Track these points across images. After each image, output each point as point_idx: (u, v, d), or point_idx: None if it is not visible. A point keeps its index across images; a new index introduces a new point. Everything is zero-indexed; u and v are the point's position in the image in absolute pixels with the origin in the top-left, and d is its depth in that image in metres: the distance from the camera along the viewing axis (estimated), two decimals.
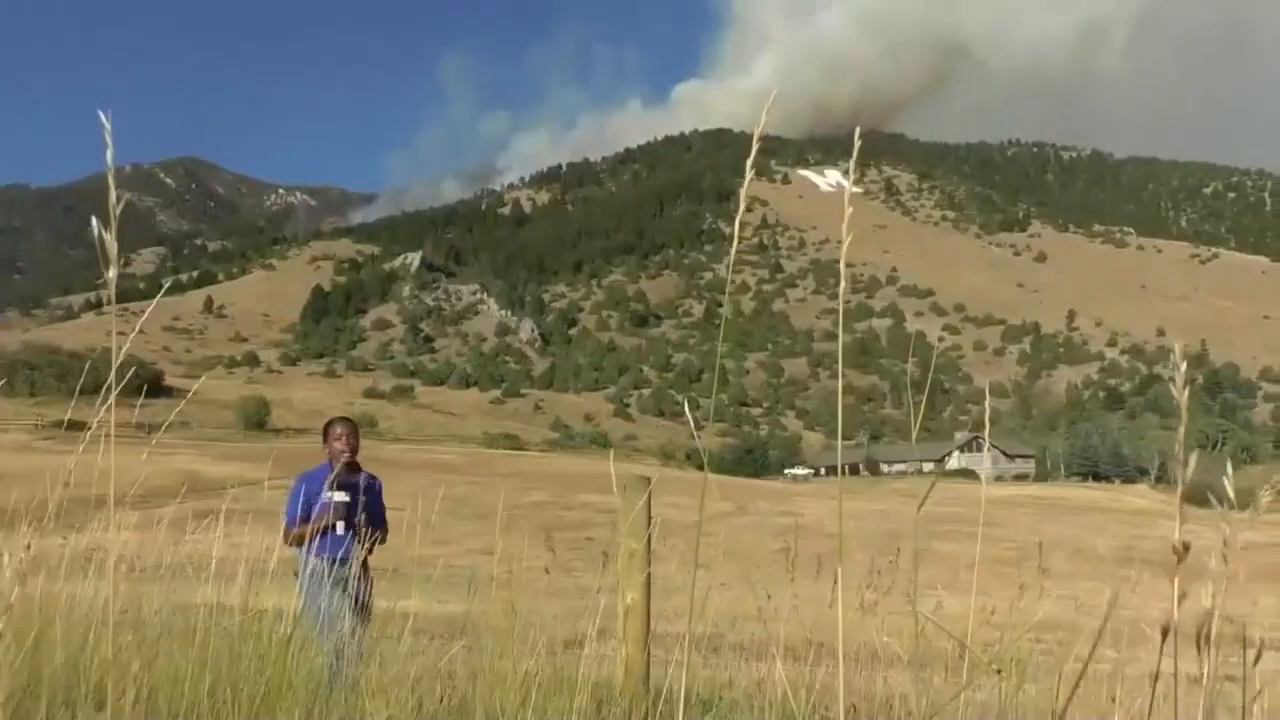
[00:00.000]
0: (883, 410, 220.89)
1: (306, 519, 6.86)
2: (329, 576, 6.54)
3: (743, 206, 2.27)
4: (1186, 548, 1.41)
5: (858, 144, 2.05)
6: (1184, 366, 1.71)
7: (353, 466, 7.09)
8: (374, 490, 7.14)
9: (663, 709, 4.57)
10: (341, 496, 6.77)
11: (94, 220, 1.90)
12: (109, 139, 1.98)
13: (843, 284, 2.06)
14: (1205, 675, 1.51)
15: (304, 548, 6.78)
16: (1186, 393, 1.72)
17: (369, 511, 6.94)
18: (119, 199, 1.88)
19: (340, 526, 6.73)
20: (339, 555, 6.68)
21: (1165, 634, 1.60)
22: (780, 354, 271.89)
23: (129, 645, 3.84)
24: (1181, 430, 1.36)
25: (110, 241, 1.84)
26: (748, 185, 2.27)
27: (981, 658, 2.82)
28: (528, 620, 5.82)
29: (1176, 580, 1.43)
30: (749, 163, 2.25)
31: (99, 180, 2.12)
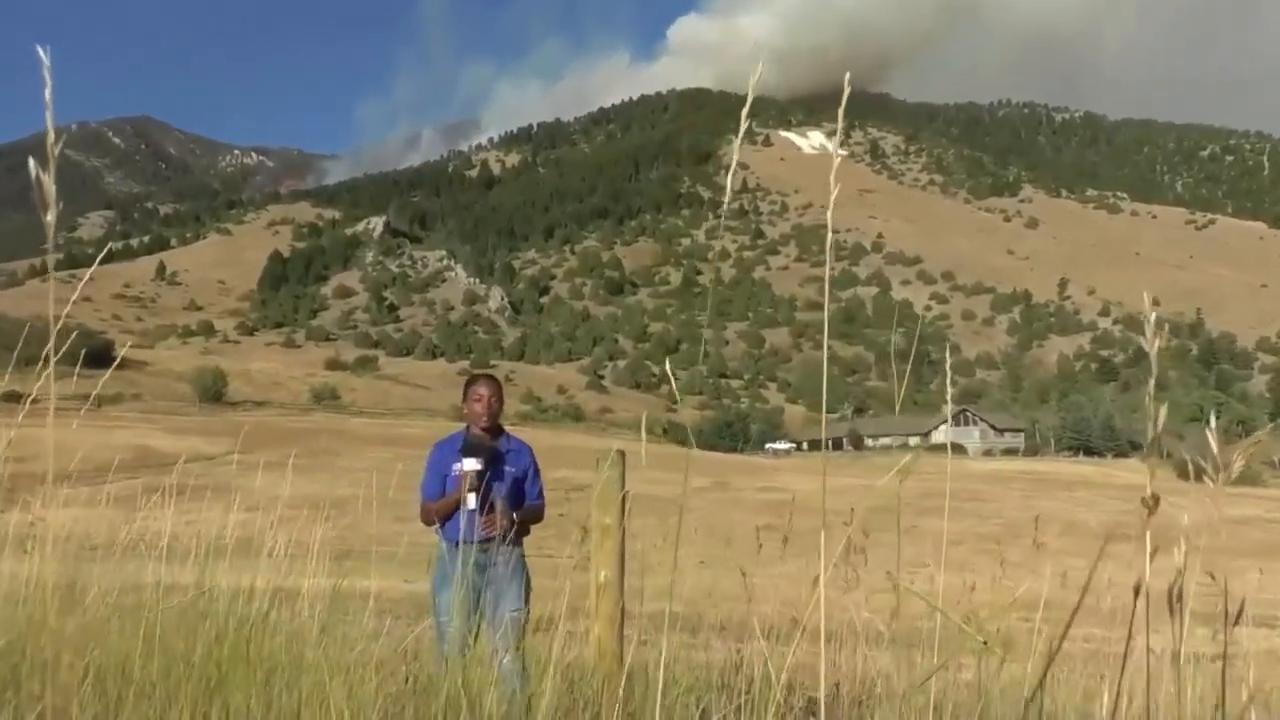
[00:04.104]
0: (868, 382, 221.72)
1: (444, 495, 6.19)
2: (460, 564, 5.82)
3: (733, 170, 2.27)
4: (1156, 500, 1.46)
5: (847, 92, 2.03)
6: (1154, 318, 1.52)
7: (494, 432, 6.31)
8: (521, 459, 6.32)
9: (638, 690, 4.59)
10: (473, 464, 6.00)
11: (32, 164, 1.86)
12: (48, 77, 1.93)
13: (829, 251, 2.06)
14: (1177, 638, 1.62)
15: (442, 527, 6.13)
16: (1157, 344, 1.51)
17: (513, 485, 6.20)
18: (62, 156, 1.85)
19: (472, 499, 5.95)
20: (473, 538, 5.93)
21: (1137, 592, 1.62)
22: (761, 324, 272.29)
23: (76, 626, 3.82)
24: (1151, 383, 1.44)
25: (49, 184, 1.82)
26: (737, 151, 2.26)
27: (968, 630, 2.85)
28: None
29: (1148, 535, 1.48)
30: (739, 133, 2.23)
31: (43, 139, 2.06)
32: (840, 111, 2.11)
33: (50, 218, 1.86)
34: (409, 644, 5.52)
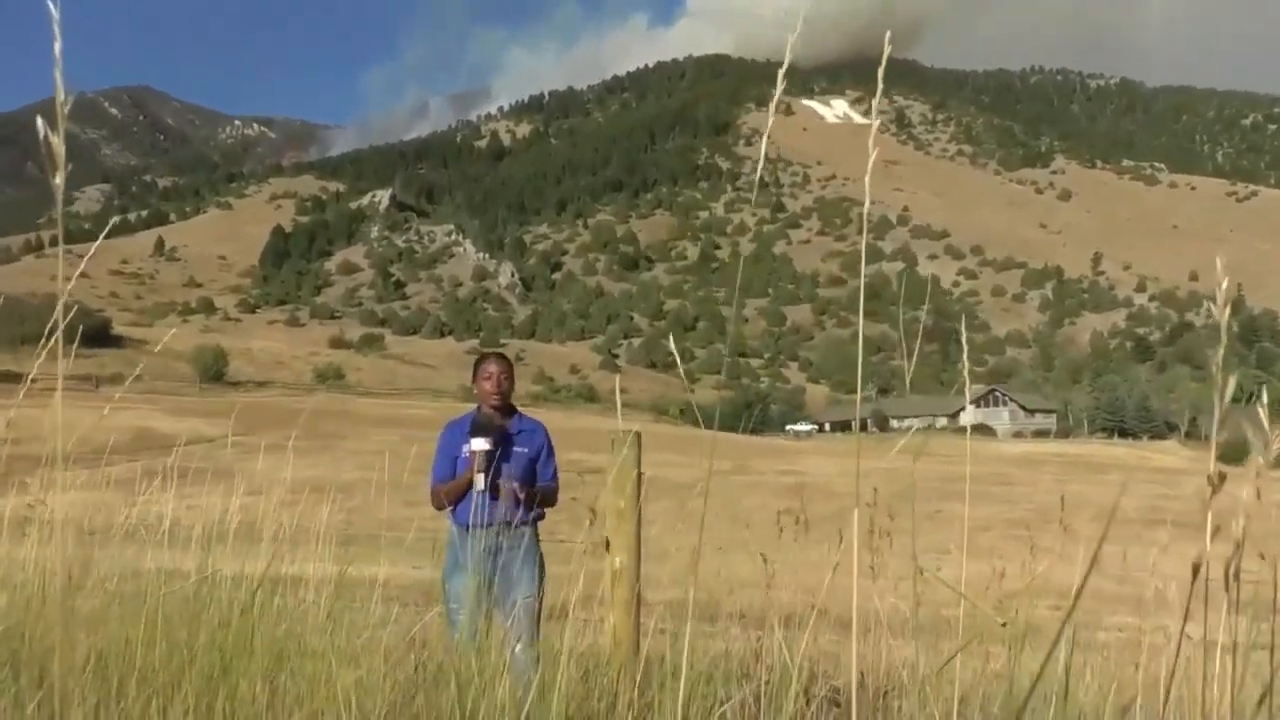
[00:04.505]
0: (893, 361, 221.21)
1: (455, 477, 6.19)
2: (468, 549, 5.85)
3: (765, 145, 2.26)
4: (1223, 478, 1.44)
5: (887, 51, 2.01)
6: (1225, 285, 1.48)
7: (505, 411, 6.28)
8: (534, 439, 6.27)
9: (654, 680, 4.61)
10: (482, 443, 5.96)
11: (40, 124, 1.81)
12: (58, 31, 1.88)
13: (864, 220, 2.05)
14: (1232, 625, 1.59)
15: (453, 510, 6.13)
16: (1228, 312, 1.47)
17: (524, 466, 6.14)
18: (57, 129, 1.84)
19: (481, 480, 5.94)
20: (482, 521, 5.89)
21: (1196, 571, 1.56)
22: (782, 300, 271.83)
23: (77, 611, 3.86)
24: (1220, 352, 1.42)
25: (58, 147, 1.80)
26: (771, 118, 2.25)
27: (992, 615, 2.86)
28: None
29: (1210, 514, 1.46)
30: (772, 104, 2.21)
31: (40, 110, 2.04)
32: (880, 72, 2.08)
33: (59, 180, 1.85)
34: (417, 632, 5.56)
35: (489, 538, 5.91)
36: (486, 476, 5.93)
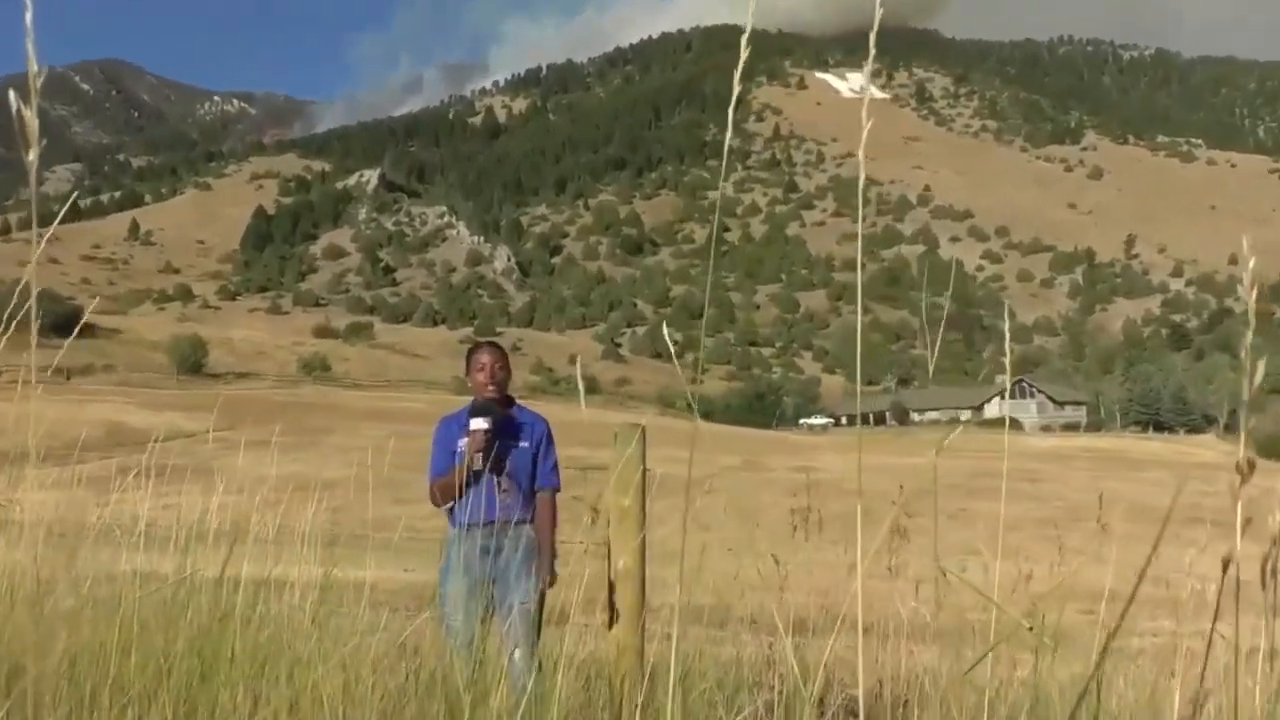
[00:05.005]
0: (913, 350, 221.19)
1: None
2: (466, 546, 5.86)
3: (735, 96, 2.25)
4: (1252, 466, 1.43)
5: (878, 14, 1.99)
6: (1252, 264, 1.47)
7: (503, 403, 6.27)
8: (534, 432, 6.24)
9: (659, 688, 4.62)
10: (481, 423, 5.94)
11: (13, 97, 1.81)
12: (29, 1, 1.87)
13: (860, 198, 2.05)
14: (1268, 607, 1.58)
15: (450, 509, 6.08)
16: (1255, 295, 1.47)
17: (525, 460, 6.13)
18: (29, 103, 1.83)
19: (479, 460, 5.89)
20: (482, 517, 5.91)
21: (1226, 565, 1.55)
22: (795, 286, 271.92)
23: (48, 617, 3.86)
24: (1249, 335, 1.42)
25: (31, 122, 1.79)
26: (736, 97, 2.23)
27: (1020, 620, 2.85)
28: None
29: (1240, 505, 1.46)
30: (739, 66, 2.19)
31: (6, 84, 2.02)
32: (872, 37, 2.04)
33: (33, 156, 1.84)
34: (408, 638, 5.57)
35: (486, 538, 5.88)
36: (486, 458, 5.90)
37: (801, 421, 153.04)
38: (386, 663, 4.69)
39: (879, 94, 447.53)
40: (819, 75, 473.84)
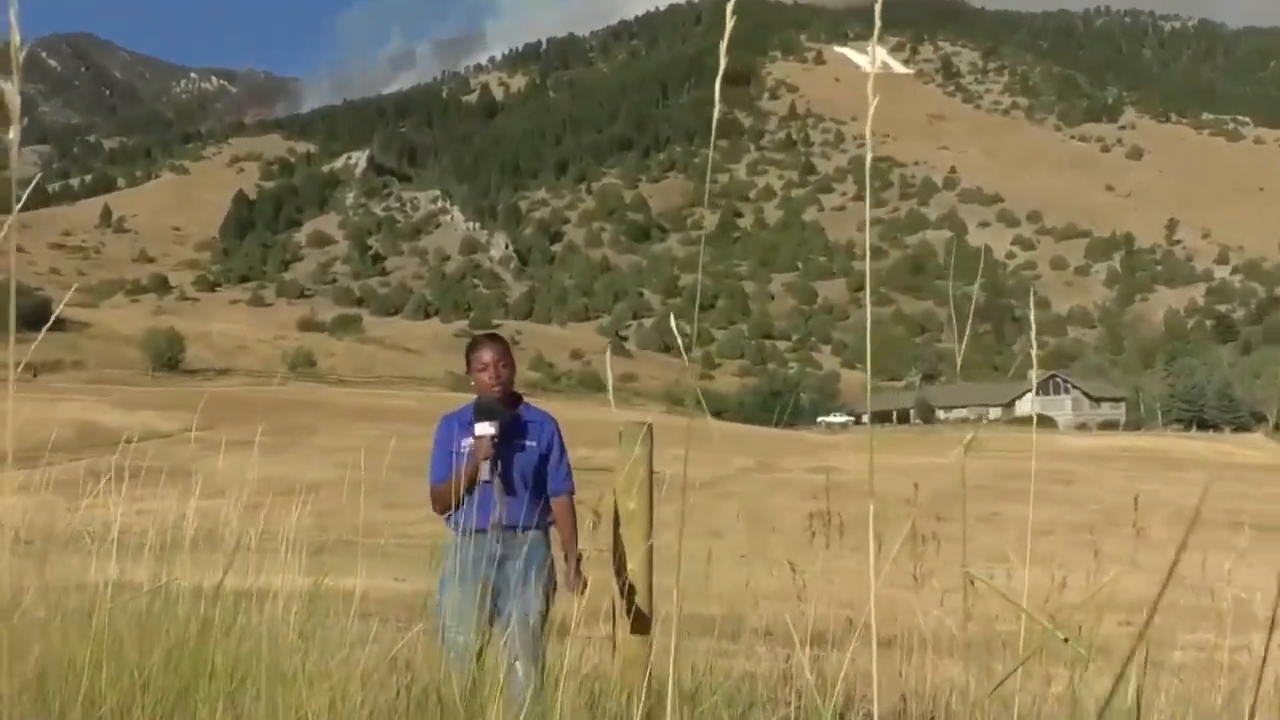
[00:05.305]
0: (939, 343, 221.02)
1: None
2: (468, 556, 5.77)
3: (721, 69, 2.25)
4: None
5: None
6: None
7: (509, 401, 6.21)
8: (543, 433, 6.19)
9: (668, 704, 4.62)
10: (487, 428, 5.88)
11: None
12: None
13: (868, 165, 2.04)
14: None
15: (453, 513, 5.99)
16: None
17: (532, 463, 6.07)
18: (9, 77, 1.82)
19: (486, 469, 5.84)
20: (489, 521, 5.84)
21: None
22: (813, 275, 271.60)
23: (15, 629, 3.87)
24: None
25: (12, 97, 1.76)
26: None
27: (1054, 631, 2.84)
28: None
29: None
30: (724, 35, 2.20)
31: None
32: (877, 7, 2.02)
33: (13, 134, 1.83)
34: (399, 651, 5.57)
35: (491, 543, 5.82)
36: (493, 466, 5.84)
37: (819, 419, 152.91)
38: (376, 678, 4.70)
39: (901, 69, 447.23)
40: (837, 49, 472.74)
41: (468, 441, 5.95)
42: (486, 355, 6.19)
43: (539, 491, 6.04)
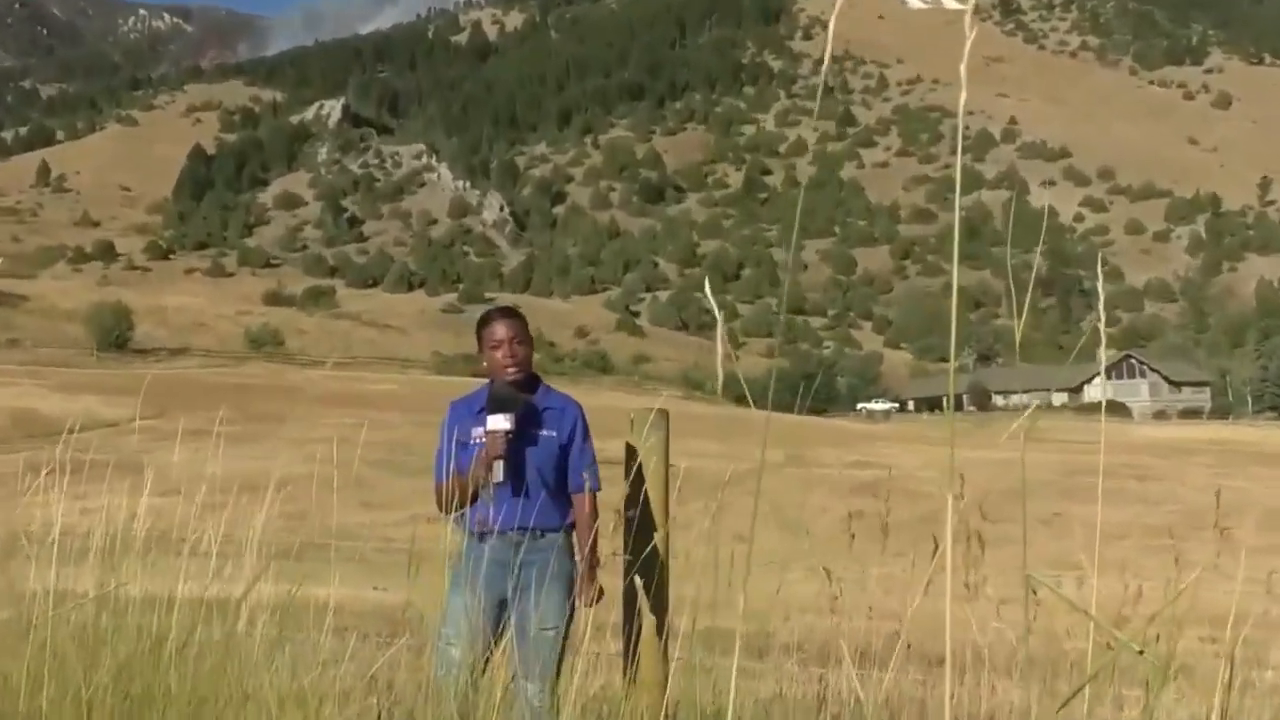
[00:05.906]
0: (996, 320, 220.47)
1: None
2: (478, 557, 5.73)
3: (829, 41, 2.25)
4: None
5: None
6: None
7: (526, 384, 6.15)
8: (563, 420, 6.12)
9: None
10: (501, 421, 5.79)
11: None
12: None
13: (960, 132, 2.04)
14: None
15: (462, 514, 5.91)
16: None
17: (552, 454, 6.00)
18: None
19: (499, 469, 5.76)
20: (500, 525, 5.78)
21: None
22: (852, 241, 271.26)
23: None
24: None
25: None
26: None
27: (1126, 643, 2.84)
28: None
29: None
30: None
31: None
32: None
33: None
34: (379, 670, 5.59)
35: (504, 549, 5.79)
36: (507, 464, 5.78)
37: (859, 406, 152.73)
38: (353, 699, 4.71)
39: (954, 4, 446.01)
40: None
41: (479, 431, 5.90)
42: (500, 331, 6.12)
43: (561, 488, 5.97)
